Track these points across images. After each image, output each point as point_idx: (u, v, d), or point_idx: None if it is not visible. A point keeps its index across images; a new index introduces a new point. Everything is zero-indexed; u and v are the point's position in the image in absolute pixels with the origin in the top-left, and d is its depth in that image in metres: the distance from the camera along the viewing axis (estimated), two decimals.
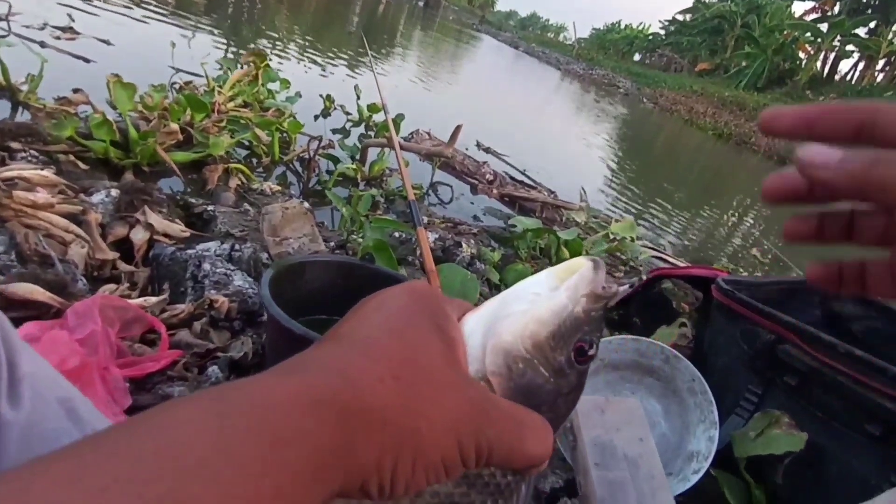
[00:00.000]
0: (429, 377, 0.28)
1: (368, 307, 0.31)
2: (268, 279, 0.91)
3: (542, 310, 0.33)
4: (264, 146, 2.25)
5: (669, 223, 4.20)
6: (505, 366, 0.32)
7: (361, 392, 0.26)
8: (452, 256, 1.76)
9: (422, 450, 0.27)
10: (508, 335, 0.32)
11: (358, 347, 0.29)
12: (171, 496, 0.20)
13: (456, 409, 0.28)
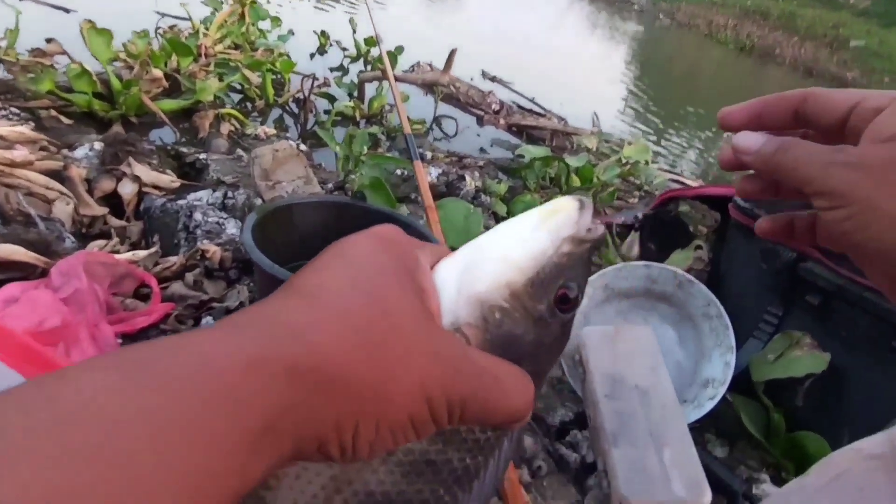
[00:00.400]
0: (394, 331, 0.26)
1: (328, 256, 0.28)
2: (251, 224, 0.86)
3: (519, 255, 0.29)
4: (256, 89, 2.16)
5: (688, 147, 4.03)
6: (481, 317, 0.29)
7: (315, 349, 0.23)
8: (456, 191, 1.70)
9: (387, 408, 0.25)
10: (484, 283, 0.29)
11: (312, 300, 0.25)
12: (56, 487, 0.16)
13: (425, 364, 0.26)
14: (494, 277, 0.30)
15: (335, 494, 0.30)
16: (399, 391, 0.25)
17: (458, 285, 0.30)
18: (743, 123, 0.37)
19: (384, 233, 0.30)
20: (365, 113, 2.34)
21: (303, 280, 0.27)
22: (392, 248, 0.29)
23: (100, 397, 0.18)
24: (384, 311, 0.26)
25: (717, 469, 0.91)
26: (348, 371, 0.23)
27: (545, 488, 0.87)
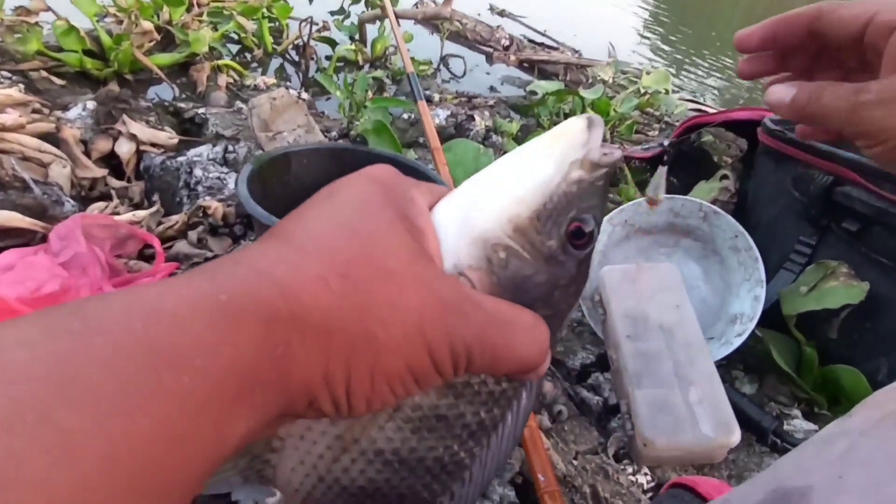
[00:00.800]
0: (387, 274, 0.23)
1: (314, 199, 0.27)
2: (245, 176, 0.82)
3: (522, 186, 0.26)
4: (253, 37, 2.07)
5: (711, 73, 3.83)
6: (484, 257, 0.26)
7: (295, 295, 0.21)
8: (465, 132, 1.63)
9: (380, 357, 0.23)
10: (486, 220, 0.26)
11: (292, 243, 0.23)
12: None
13: (421, 308, 0.23)
14: (496, 213, 0.27)
15: (342, 454, 0.28)
16: (392, 338, 0.23)
17: (459, 225, 0.27)
18: (759, 45, 0.38)
19: (376, 173, 0.28)
20: (368, 56, 2.24)
21: (285, 224, 0.25)
22: (384, 188, 0.27)
23: (7, 353, 0.15)
24: (372, 252, 0.23)
25: (745, 407, 0.88)
26: (333, 318, 0.21)
27: (566, 433, 0.84)
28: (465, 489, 0.31)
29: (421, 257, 0.25)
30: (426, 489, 0.30)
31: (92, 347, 0.16)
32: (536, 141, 0.30)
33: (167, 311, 0.18)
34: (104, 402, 0.16)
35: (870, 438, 0.38)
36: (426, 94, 1.91)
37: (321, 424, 0.28)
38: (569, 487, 0.75)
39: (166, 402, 0.17)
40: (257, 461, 0.29)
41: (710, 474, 0.84)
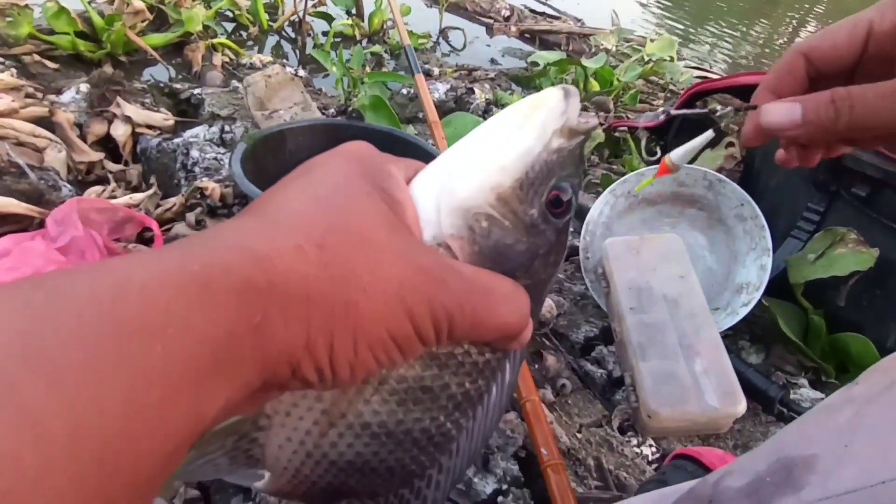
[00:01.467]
0: (364, 243, 0.23)
1: (292, 175, 0.27)
2: (240, 154, 0.81)
3: (504, 155, 0.26)
4: (248, 14, 2.04)
5: (718, 42, 3.74)
6: (465, 226, 0.26)
7: (271, 265, 0.21)
8: (465, 105, 1.60)
9: (361, 325, 0.23)
10: (466, 189, 0.26)
11: (268, 217, 0.23)
12: None
13: (401, 276, 0.24)
14: (478, 182, 0.27)
15: (330, 429, 0.29)
16: (373, 305, 0.23)
17: (438, 195, 0.27)
18: None
19: (352, 149, 0.28)
20: (366, 31, 2.19)
21: (261, 201, 0.25)
22: (360, 163, 0.27)
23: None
24: (349, 223, 0.23)
25: (751, 376, 0.87)
26: (311, 287, 0.21)
27: (570, 406, 0.84)
28: (452, 461, 0.31)
29: (399, 227, 0.25)
30: (414, 461, 0.30)
31: (56, 319, 0.16)
32: (511, 111, 0.29)
33: (135, 284, 0.18)
34: (70, 374, 0.15)
35: (876, 405, 0.37)
36: (425, 68, 1.87)
37: (307, 400, 0.28)
38: (573, 460, 0.75)
39: (135, 374, 0.16)
40: (245, 440, 0.29)
41: (716, 444, 0.83)
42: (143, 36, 1.65)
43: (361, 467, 0.30)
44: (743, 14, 4.66)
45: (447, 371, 0.29)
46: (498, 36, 2.62)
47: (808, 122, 0.32)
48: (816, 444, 0.38)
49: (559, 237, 0.29)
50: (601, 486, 0.73)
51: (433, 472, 0.31)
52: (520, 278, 0.28)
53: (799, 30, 4.97)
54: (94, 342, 0.16)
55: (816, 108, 0.32)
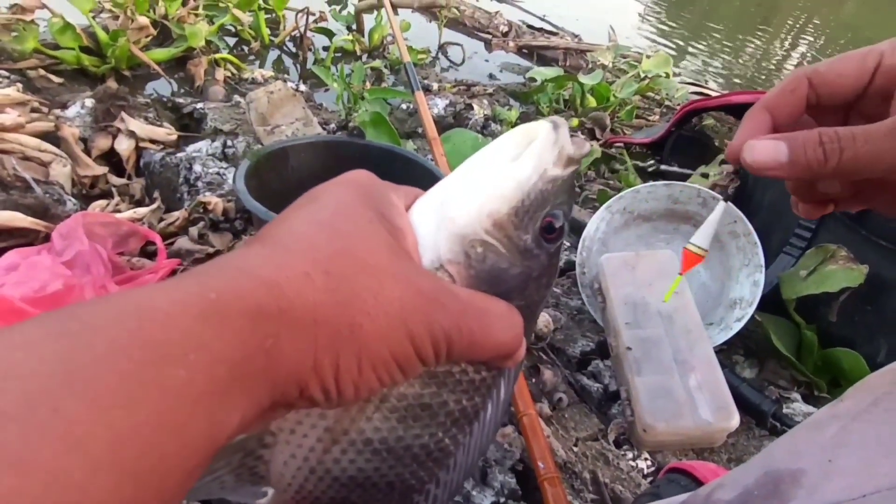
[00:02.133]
0: (367, 269, 0.25)
1: (295, 204, 0.28)
2: (243, 171, 0.82)
3: (500, 184, 0.28)
4: (250, 30, 2.07)
5: (713, 57, 3.79)
6: (462, 252, 0.27)
7: (281, 290, 0.22)
8: (464, 121, 1.62)
9: (366, 346, 0.24)
10: (464, 216, 0.27)
11: (276, 244, 0.25)
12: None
13: (402, 300, 0.25)
14: (475, 210, 0.28)
15: (333, 445, 0.30)
16: (376, 327, 0.24)
17: (437, 222, 0.29)
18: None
19: (354, 178, 0.29)
20: (366, 46, 2.22)
21: (269, 228, 0.26)
22: (362, 191, 0.28)
23: (15, 353, 0.17)
24: (353, 249, 0.25)
25: (745, 391, 0.88)
26: (318, 311, 0.23)
27: (566, 420, 0.85)
28: (450, 475, 0.32)
29: (399, 253, 0.26)
30: (413, 476, 0.31)
31: (91, 345, 0.17)
32: (504, 141, 0.31)
33: (159, 310, 0.19)
34: (107, 395, 0.17)
35: (860, 422, 0.38)
36: (425, 84, 1.90)
37: (311, 418, 0.29)
38: (569, 474, 0.76)
39: (163, 394, 0.18)
40: (250, 457, 0.30)
41: (711, 458, 0.84)
42: (146, 51, 1.67)
43: (363, 483, 0.31)
44: (738, 30, 4.73)
45: (445, 389, 0.30)
46: (496, 51, 2.66)
47: (793, 162, 0.30)
48: (803, 459, 0.39)
49: (551, 260, 0.30)
50: (597, 500, 0.74)
51: (431, 487, 0.32)
52: (514, 300, 0.29)
53: (796, 43, 5.03)
54: (125, 366, 0.17)
55: (804, 148, 0.30)
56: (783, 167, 0.30)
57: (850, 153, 0.28)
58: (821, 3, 7.12)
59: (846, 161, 0.28)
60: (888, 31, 6.74)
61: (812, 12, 6.16)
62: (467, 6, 2.86)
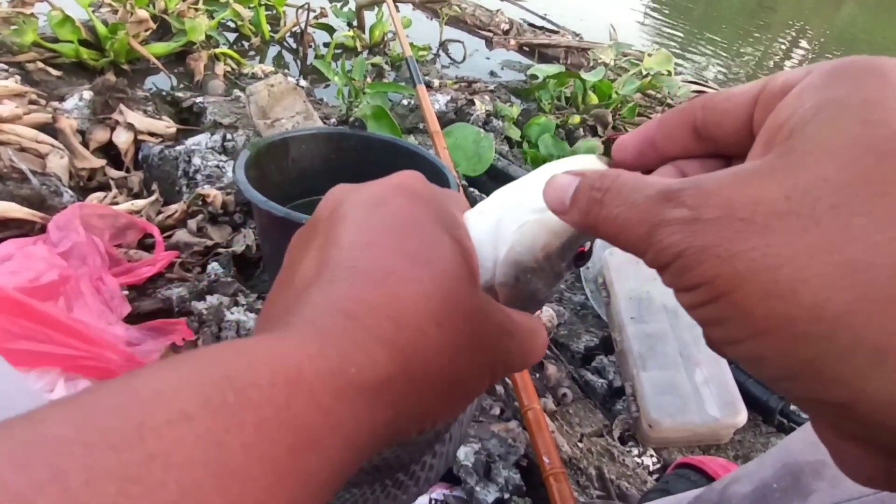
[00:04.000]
0: (465, 314, 0.24)
1: (359, 217, 0.25)
2: (243, 162, 0.81)
3: (556, 220, 0.28)
4: (251, 25, 2.05)
5: (714, 55, 3.78)
6: (514, 276, 0.29)
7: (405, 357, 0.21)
8: (466, 117, 1.61)
9: (462, 396, 0.25)
10: (522, 246, 0.29)
11: (383, 289, 0.22)
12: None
13: (492, 345, 0.25)
14: (531, 241, 0.29)
15: None
16: (473, 375, 0.24)
17: (495, 246, 0.29)
18: (635, 157, 0.26)
19: (413, 187, 0.27)
20: (366, 42, 2.21)
21: (348, 256, 0.23)
22: (430, 205, 0.26)
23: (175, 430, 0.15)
24: (451, 289, 0.23)
25: (752, 387, 0.87)
26: (429, 367, 0.22)
27: (571, 415, 0.84)
28: (445, 447, 0.34)
29: (475, 284, 0.26)
30: (417, 451, 0.33)
31: (243, 426, 0.16)
32: (557, 170, 0.30)
33: (305, 385, 0.18)
34: (249, 489, 0.16)
35: None
36: (426, 80, 1.89)
37: None
38: (574, 469, 0.74)
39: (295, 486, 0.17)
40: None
41: (716, 455, 0.83)
42: (145, 45, 1.66)
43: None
44: (738, 29, 4.73)
45: None
46: (497, 49, 2.65)
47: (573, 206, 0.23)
48: (823, 451, 0.38)
49: None
50: (603, 496, 0.73)
51: (427, 458, 0.34)
52: (535, 308, 0.32)
53: (796, 42, 5.03)
54: (269, 453, 0.17)
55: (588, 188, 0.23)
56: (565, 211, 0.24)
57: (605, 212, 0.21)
58: (821, 3, 7.13)
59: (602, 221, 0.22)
60: (889, 31, 6.75)
61: (812, 13, 6.17)
62: (468, 4, 2.85)
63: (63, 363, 0.65)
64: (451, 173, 0.90)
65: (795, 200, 0.17)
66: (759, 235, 0.17)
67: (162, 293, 0.89)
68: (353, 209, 0.25)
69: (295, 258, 0.25)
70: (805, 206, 0.17)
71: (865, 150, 0.17)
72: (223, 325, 0.82)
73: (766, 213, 0.17)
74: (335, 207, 0.25)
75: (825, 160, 0.17)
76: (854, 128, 0.17)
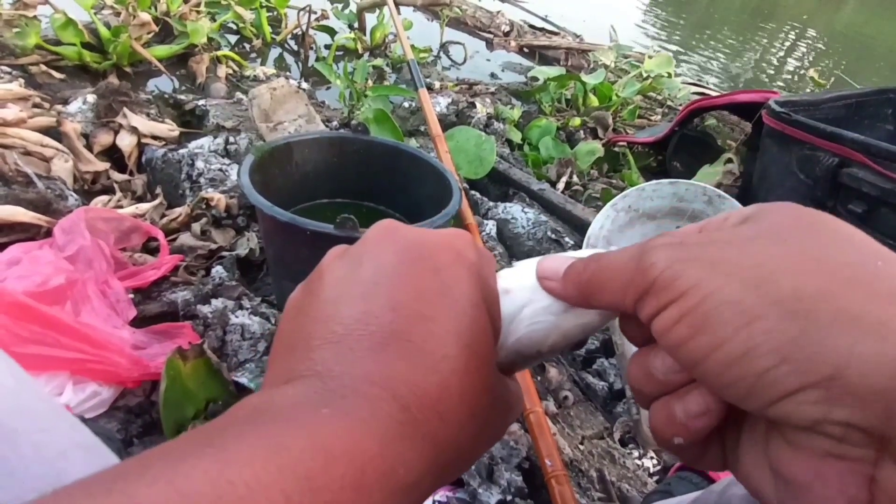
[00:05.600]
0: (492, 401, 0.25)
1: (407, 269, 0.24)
2: (248, 167, 0.82)
3: (570, 324, 0.30)
4: (252, 27, 2.06)
5: (714, 56, 3.79)
6: (513, 360, 0.30)
7: (444, 451, 0.22)
8: (467, 119, 1.61)
9: (466, 466, 0.26)
10: (530, 341, 0.30)
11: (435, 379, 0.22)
12: None
13: (501, 425, 0.27)
14: (543, 338, 0.30)
15: None
16: (479, 452, 0.26)
17: (506, 329, 0.30)
18: None
19: (468, 256, 0.26)
20: (367, 45, 2.22)
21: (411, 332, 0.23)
22: (473, 277, 0.26)
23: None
24: (489, 389, 0.24)
25: None
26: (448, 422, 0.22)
27: (572, 418, 0.85)
28: None
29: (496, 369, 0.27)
30: None
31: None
32: None
33: (367, 490, 0.18)
34: None
35: None
36: (427, 82, 1.89)
37: None
38: (575, 472, 0.75)
39: None
40: None
41: None
42: (148, 47, 1.67)
43: None
44: (738, 30, 4.73)
45: None
46: (498, 50, 2.66)
47: (566, 275, 0.26)
48: None
49: None
50: (604, 498, 0.73)
51: None
52: None
53: (796, 43, 5.04)
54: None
55: (583, 260, 0.26)
56: (558, 279, 0.27)
57: (587, 274, 0.25)
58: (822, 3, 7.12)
59: (585, 281, 0.25)
60: (888, 31, 6.75)
61: (812, 14, 6.18)
62: (469, 5, 2.86)
63: (71, 367, 0.66)
64: (454, 177, 0.91)
65: (763, 230, 0.21)
66: (737, 248, 0.21)
67: (167, 297, 0.90)
68: (400, 256, 0.24)
69: (334, 281, 0.24)
70: (771, 234, 0.21)
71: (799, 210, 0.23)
72: (228, 329, 0.83)
73: (743, 237, 0.21)
74: (381, 241, 0.25)
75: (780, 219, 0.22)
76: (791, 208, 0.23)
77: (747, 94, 1.23)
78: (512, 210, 1.26)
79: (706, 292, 0.20)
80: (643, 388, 0.25)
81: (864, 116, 1.25)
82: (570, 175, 1.49)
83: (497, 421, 0.26)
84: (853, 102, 1.21)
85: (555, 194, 1.35)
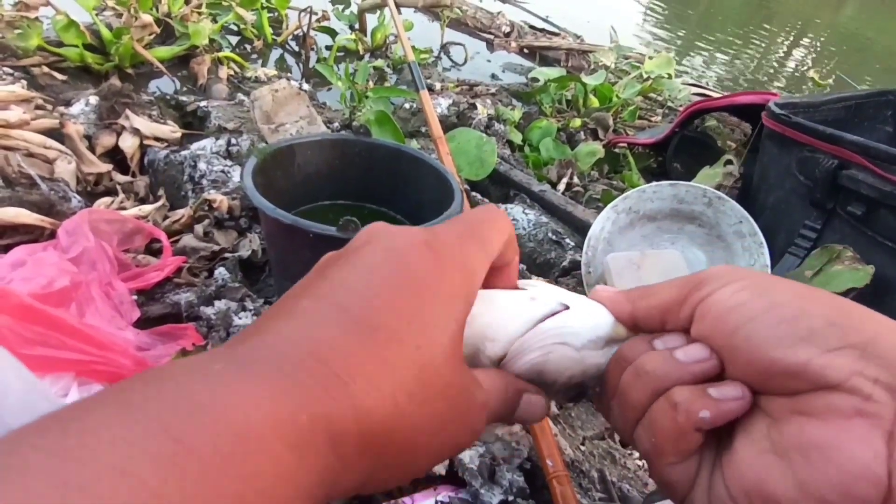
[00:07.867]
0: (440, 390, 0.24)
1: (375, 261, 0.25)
2: (250, 169, 0.82)
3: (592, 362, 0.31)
4: (253, 28, 2.07)
5: (715, 57, 3.79)
6: (529, 379, 0.31)
7: (368, 414, 0.22)
8: (468, 121, 1.62)
9: (426, 463, 0.25)
10: (552, 365, 0.30)
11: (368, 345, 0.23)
12: None
13: (464, 427, 0.26)
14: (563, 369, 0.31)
15: None
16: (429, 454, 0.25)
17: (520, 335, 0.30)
18: None
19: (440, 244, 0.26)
20: (368, 46, 2.22)
21: (354, 305, 0.23)
22: (448, 270, 0.26)
23: (113, 481, 0.15)
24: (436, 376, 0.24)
25: None
26: (394, 434, 0.22)
27: (573, 419, 0.85)
28: None
29: (461, 363, 0.26)
30: None
31: (184, 476, 0.16)
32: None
33: (254, 436, 0.18)
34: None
35: None
36: (427, 83, 1.90)
37: None
38: (576, 472, 0.76)
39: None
40: None
41: None
42: (149, 49, 1.67)
43: None
44: (738, 31, 4.73)
45: None
46: (498, 51, 2.66)
47: (617, 299, 0.33)
48: None
49: None
50: (605, 498, 0.74)
51: None
52: None
53: (797, 43, 5.04)
54: (212, 502, 0.17)
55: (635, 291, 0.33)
56: (616, 297, 0.33)
57: (643, 302, 0.31)
58: (822, 3, 7.13)
59: (640, 308, 0.31)
60: (887, 31, 6.75)
61: (812, 14, 6.18)
62: (469, 6, 2.86)
63: (76, 368, 0.66)
64: (455, 178, 0.91)
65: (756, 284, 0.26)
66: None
67: (170, 298, 0.90)
68: (375, 253, 0.25)
69: (314, 277, 0.25)
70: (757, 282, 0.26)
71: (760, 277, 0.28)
72: (231, 331, 0.84)
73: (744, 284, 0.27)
74: (366, 241, 0.26)
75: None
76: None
77: (747, 96, 1.23)
78: (513, 211, 1.26)
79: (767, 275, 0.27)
80: (631, 391, 0.27)
81: (864, 118, 1.25)
82: (570, 176, 1.50)
83: (464, 418, 0.25)
84: (853, 104, 1.21)
85: (555, 196, 1.36)
